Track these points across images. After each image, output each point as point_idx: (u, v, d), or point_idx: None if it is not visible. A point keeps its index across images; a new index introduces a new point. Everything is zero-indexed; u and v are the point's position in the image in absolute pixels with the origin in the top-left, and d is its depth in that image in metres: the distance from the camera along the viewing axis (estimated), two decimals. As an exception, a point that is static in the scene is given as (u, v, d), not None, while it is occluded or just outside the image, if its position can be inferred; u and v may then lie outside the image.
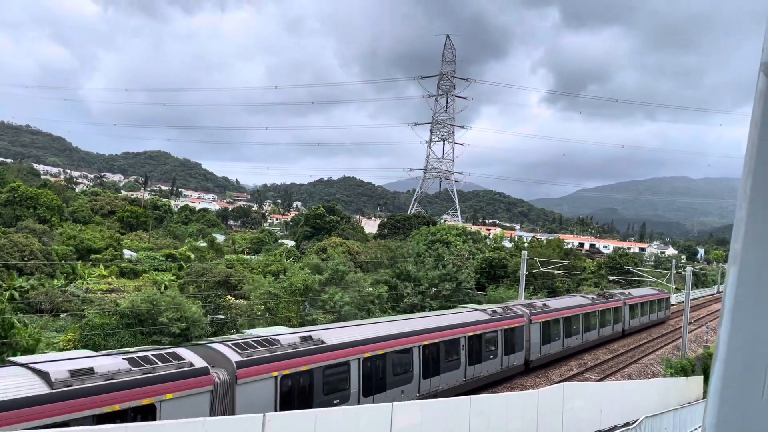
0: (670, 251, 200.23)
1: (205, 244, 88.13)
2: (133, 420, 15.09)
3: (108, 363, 15.72)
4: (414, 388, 24.89)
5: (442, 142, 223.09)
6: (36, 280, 51.07)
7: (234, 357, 18.11)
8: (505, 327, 31.97)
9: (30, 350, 25.00)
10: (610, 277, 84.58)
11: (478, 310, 32.80)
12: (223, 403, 17.40)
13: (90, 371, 15.05)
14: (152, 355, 16.89)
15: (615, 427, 24.37)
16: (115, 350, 19.26)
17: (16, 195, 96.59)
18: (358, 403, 21.72)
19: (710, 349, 43.62)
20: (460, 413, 18.48)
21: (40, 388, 13.96)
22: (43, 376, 14.34)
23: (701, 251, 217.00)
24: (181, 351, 17.76)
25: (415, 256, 62.15)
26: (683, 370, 36.40)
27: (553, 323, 37.28)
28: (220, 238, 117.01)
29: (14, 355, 25.04)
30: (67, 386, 14.36)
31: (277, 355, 19.23)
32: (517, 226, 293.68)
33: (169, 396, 16.03)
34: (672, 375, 35.37)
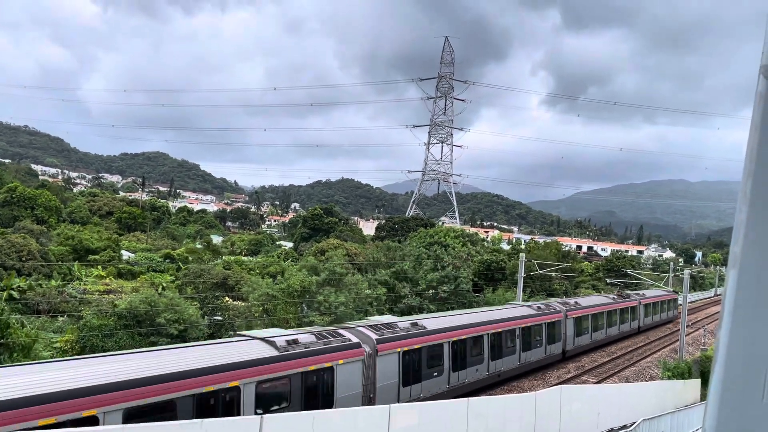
0: (668, 254, 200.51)
1: (202, 246, 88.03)
2: (322, 377, 20.90)
3: (305, 337, 21.54)
4: (484, 367, 30.40)
5: (440, 144, 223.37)
6: (33, 281, 51.00)
7: (374, 336, 23.68)
8: (547, 321, 37.13)
9: (27, 349, 24.96)
10: (608, 280, 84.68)
11: (524, 306, 38.16)
12: (368, 370, 22.87)
13: (296, 342, 20.68)
14: (325, 332, 22.65)
15: (612, 430, 24.40)
16: (304, 328, 25.84)
17: (14, 195, 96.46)
18: (449, 376, 27.59)
19: (708, 353, 43.67)
20: (457, 415, 18.49)
21: (272, 351, 19.61)
22: (272, 344, 20.00)
23: (699, 254, 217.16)
24: (341, 330, 23.47)
25: (414, 258, 62.16)
26: (681, 373, 36.43)
27: (584, 319, 42.58)
28: (218, 239, 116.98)
29: (10, 355, 25.02)
30: (287, 351, 19.97)
31: (399, 335, 24.82)
32: (515, 229, 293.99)
33: (341, 361, 21.55)
34: (669, 378, 35.40)
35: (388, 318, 28.88)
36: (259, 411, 17.98)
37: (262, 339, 20.28)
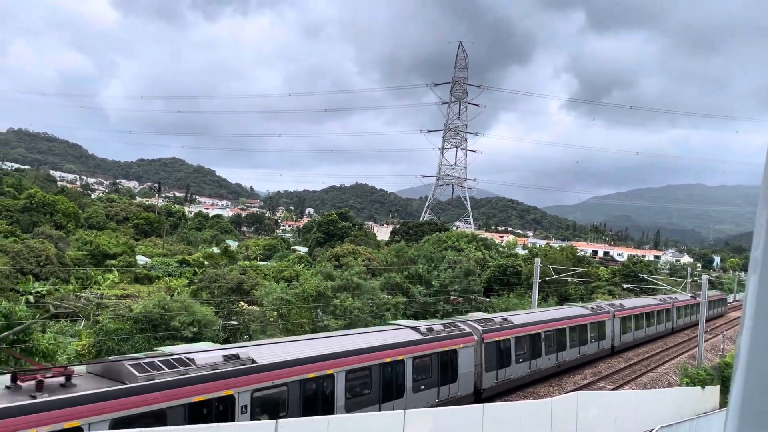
0: (686, 259, 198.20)
1: (218, 251, 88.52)
2: (449, 357, 25.99)
3: (437, 326, 26.95)
4: (554, 358, 35.69)
5: (454, 148, 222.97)
6: (51, 285, 51.57)
7: (480, 327, 29.21)
8: (599, 320, 42.18)
9: (50, 355, 25.23)
10: (624, 285, 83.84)
11: (579, 306, 43.94)
12: (477, 354, 28.29)
13: (432, 329, 26.15)
14: (448, 323, 28.51)
15: (630, 437, 24.13)
16: (430, 320, 32.26)
17: (33, 201, 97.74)
18: (530, 363, 32.81)
19: (727, 359, 43.07)
20: (473, 421, 18.39)
21: (418, 336, 25.18)
22: (417, 330, 25.61)
23: (717, 259, 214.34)
24: (457, 322, 29.18)
25: (426, 258, 62.05)
26: (700, 379, 35.95)
27: (627, 319, 47.62)
28: (233, 244, 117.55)
29: (32, 359, 25.27)
30: (427, 336, 25.30)
31: (495, 328, 30.35)
32: (530, 233, 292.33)
33: (461, 346, 26.97)
34: (688, 384, 34.95)
35: (480, 315, 34.67)
36: (416, 378, 24.14)
37: (409, 327, 26.24)
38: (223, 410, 16.59)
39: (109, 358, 21.22)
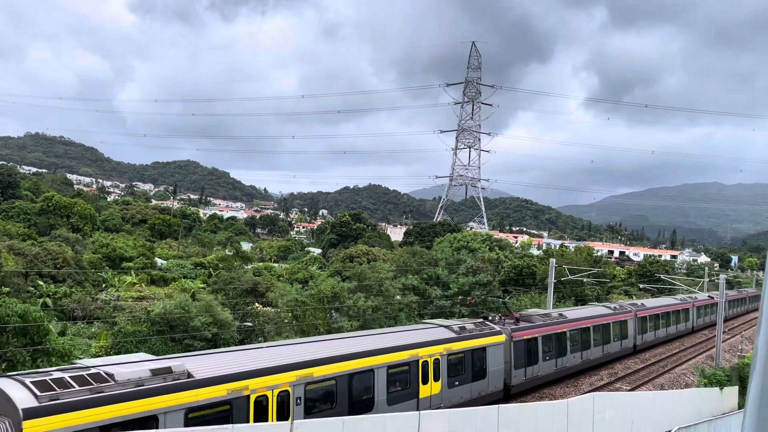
0: (703, 259, 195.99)
1: (233, 252, 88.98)
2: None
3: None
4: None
5: (468, 149, 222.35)
6: (68, 287, 52.12)
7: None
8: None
9: (66, 355, 25.47)
10: (641, 286, 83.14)
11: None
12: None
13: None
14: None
15: (647, 438, 23.91)
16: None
17: (50, 204, 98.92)
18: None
19: (745, 359, 42.51)
20: (488, 421, 18.33)
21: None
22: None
23: (735, 259, 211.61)
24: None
25: (445, 262, 61.92)
26: (718, 380, 35.53)
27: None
28: (247, 246, 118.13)
29: (49, 360, 25.56)
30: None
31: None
32: (545, 234, 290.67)
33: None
34: (706, 385, 34.55)
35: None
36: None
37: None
38: None
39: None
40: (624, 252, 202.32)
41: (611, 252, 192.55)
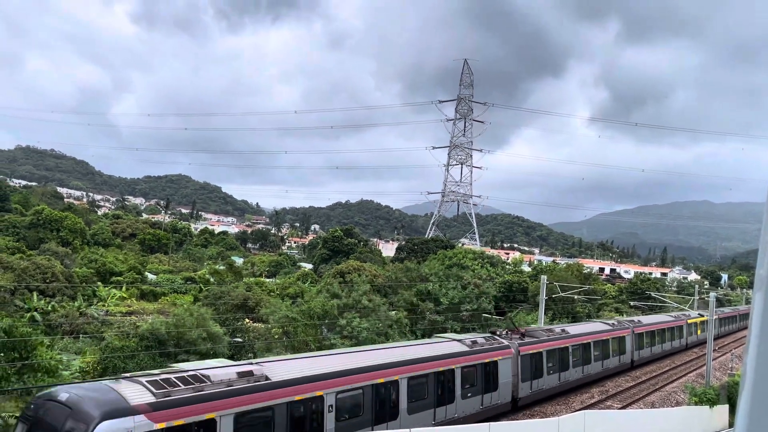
0: (693, 276, 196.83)
1: (223, 267, 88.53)
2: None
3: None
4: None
5: (460, 165, 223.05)
6: (57, 302, 51.58)
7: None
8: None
9: (52, 371, 25.12)
10: (631, 303, 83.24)
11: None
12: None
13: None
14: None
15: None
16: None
17: (40, 218, 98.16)
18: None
19: (735, 378, 42.56)
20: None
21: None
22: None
23: (725, 276, 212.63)
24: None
25: (437, 277, 61.86)
26: (708, 398, 35.50)
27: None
28: (238, 261, 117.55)
29: (35, 377, 25.19)
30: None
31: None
32: (536, 250, 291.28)
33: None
34: (696, 403, 34.51)
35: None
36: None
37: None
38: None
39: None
40: (615, 269, 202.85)
41: (602, 269, 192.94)
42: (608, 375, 42.46)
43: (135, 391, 15.42)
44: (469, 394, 26.80)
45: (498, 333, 32.86)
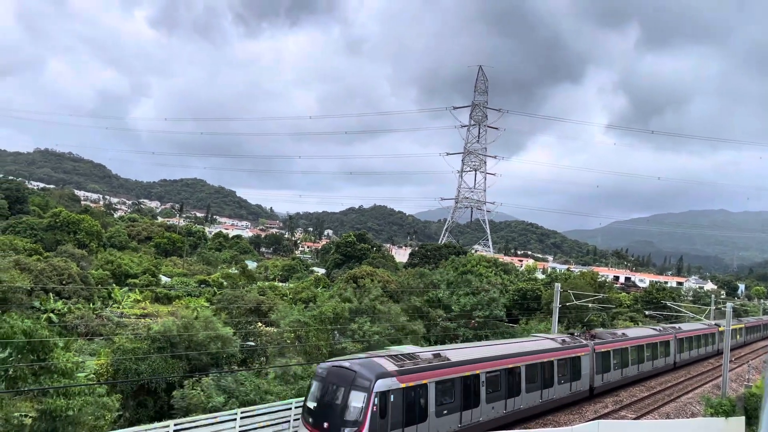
0: (709, 286, 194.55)
1: (237, 271, 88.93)
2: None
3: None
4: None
5: (473, 171, 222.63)
6: (72, 304, 52.08)
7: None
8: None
9: (68, 374, 25.29)
10: (647, 312, 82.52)
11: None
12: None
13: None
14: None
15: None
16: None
17: (57, 220, 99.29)
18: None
19: (753, 389, 41.95)
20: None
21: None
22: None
23: (742, 286, 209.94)
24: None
25: (446, 283, 61.67)
26: (723, 410, 35.02)
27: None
28: (252, 264, 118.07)
29: (51, 377, 25.37)
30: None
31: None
32: (550, 258, 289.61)
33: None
34: (712, 415, 34.06)
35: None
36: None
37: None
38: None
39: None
40: (630, 278, 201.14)
41: (617, 278, 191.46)
42: (656, 373, 47.77)
43: (385, 362, 21.78)
44: (562, 381, 32.89)
45: (576, 334, 38.40)
